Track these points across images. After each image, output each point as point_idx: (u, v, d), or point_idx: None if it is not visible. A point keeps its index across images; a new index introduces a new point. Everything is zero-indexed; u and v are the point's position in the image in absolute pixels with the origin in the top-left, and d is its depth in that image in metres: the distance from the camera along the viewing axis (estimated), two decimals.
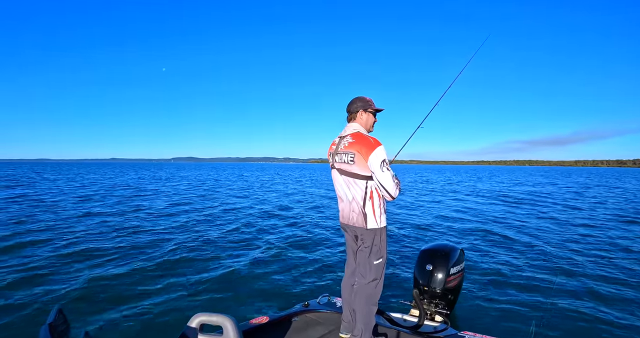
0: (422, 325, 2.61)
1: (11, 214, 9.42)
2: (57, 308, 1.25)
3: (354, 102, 2.32)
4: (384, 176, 2.06)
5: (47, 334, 1.10)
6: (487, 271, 5.05)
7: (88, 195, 14.95)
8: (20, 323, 3.30)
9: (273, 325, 2.50)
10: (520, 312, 3.71)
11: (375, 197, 2.16)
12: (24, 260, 5.24)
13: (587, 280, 4.71)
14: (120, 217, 9.24)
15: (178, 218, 9.25)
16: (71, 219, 8.79)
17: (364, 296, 2.22)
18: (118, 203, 12.17)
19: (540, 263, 5.53)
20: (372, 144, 2.10)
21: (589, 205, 13.78)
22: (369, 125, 2.34)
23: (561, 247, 6.59)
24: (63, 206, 11.23)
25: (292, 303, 3.08)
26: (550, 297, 4.11)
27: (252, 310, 3.61)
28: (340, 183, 2.27)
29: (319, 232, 7.86)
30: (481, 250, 6.32)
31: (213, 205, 12.39)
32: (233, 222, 8.95)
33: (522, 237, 7.48)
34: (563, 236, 7.67)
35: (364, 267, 2.22)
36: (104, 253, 5.65)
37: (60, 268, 4.88)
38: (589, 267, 5.33)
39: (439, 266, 3.00)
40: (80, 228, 7.69)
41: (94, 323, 3.32)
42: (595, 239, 7.35)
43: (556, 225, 9.14)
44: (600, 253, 6.18)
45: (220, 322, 1.73)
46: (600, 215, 11.02)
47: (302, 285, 4.42)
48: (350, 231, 2.32)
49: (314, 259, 5.57)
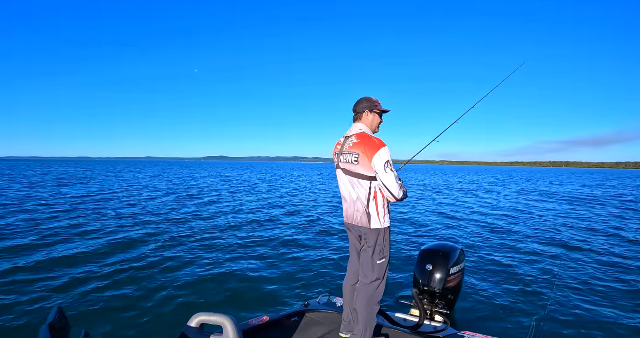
0: (422, 325, 2.61)
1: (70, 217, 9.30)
2: (57, 308, 1.25)
3: (360, 103, 2.32)
4: (388, 177, 2.06)
5: (47, 334, 1.10)
6: (488, 271, 5.07)
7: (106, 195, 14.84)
8: (20, 323, 3.28)
9: (273, 325, 2.49)
10: (520, 312, 3.73)
11: (379, 198, 2.16)
12: (25, 260, 5.19)
13: (587, 281, 4.73)
14: (121, 217, 9.18)
15: (179, 217, 9.22)
16: (82, 218, 8.71)
17: (366, 296, 2.21)
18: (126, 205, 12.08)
19: (540, 263, 5.56)
20: (376, 145, 2.10)
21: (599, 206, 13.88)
22: (375, 126, 2.34)
23: (562, 248, 6.62)
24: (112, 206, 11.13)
25: (292, 303, 3.06)
26: (551, 297, 4.13)
27: (252, 310, 3.60)
28: (345, 183, 2.27)
29: (320, 231, 7.86)
30: (481, 250, 6.35)
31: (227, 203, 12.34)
32: (233, 222, 8.92)
33: (522, 237, 7.52)
34: (563, 236, 7.72)
35: (367, 267, 2.22)
36: (105, 253, 5.61)
37: (61, 268, 4.84)
38: (589, 267, 5.37)
39: (439, 266, 3.00)
40: (89, 227, 7.62)
41: (94, 323, 3.30)
42: (595, 239, 7.40)
43: (558, 225, 9.20)
44: (601, 253, 6.21)
45: (220, 322, 1.72)
46: (602, 214, 11.11)
47: (303, 285, 4.41)
48: (354, 231, 2.31)
49: (314, 259, 5.56)
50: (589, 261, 5.69)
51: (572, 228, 8.72)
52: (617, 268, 5.30)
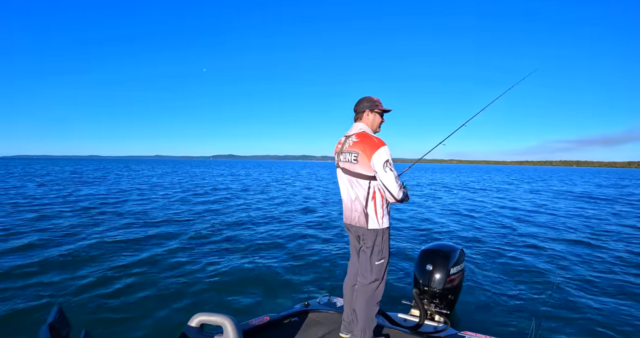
0: (422, 325, 2.60)
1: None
2: (58, 308, 1.25)
3: (361, 102, 2.32)
4: (387, 176, 2.05)
5: (47, 334, 1.10)
6: (488, 271, 5.03)
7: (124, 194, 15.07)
8: (21, 323, 3.31)
9: (273, 325, 2.50)
10: (520, 312, 3.71)
11: (378, 198, 2.15)
12: (25, 259, 5.26)
13: (588, 281, 4.69)
14: (120, 216, 9.31)
15: (180, 217, 9.31)
16: (84, 218, 8.87)
17: (365, 297, 2.21)
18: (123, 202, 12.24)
19: (540, 263, 5.50)
20: (375, 144, 2.10)
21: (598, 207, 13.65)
22: (375, 126, 2.33)
23: (562, 247, 6.55)
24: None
25: (292, 303, 3.08)
26: (551, 297, 4.09)
27: (252, 310, 3.61)
28: (344, 182, 2.27)
29: (321, 231, 7.86)
30: (481, 250, 6.30)
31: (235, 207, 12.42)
32: (234, 221, 8.97)
33: (523, 237, 7.45)
34: (564, 236, 7.62)
35: (366, 268, 2.22)
36: (105, 253, 5.66)
37: (61, 268, 4.89)
38: (590, 267, 5.30)
39: (439, 266, 2.99)
40: (96, 228, 7.72)
41: (94, 323, 3.33)
42: (597, 239, 7.30)
43: (560, 224, 9.09)
44: (602, 254, 6.13)
45: (220, 322, 1.73)
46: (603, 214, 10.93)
47: (302, 285, 4.42)
48: (353, 231, 2.31)
49: (314, 259, 5.57)
50: (589, 261, 5.62)
51: (575, 228, 8.60)
52: (618, 268, 5.23)
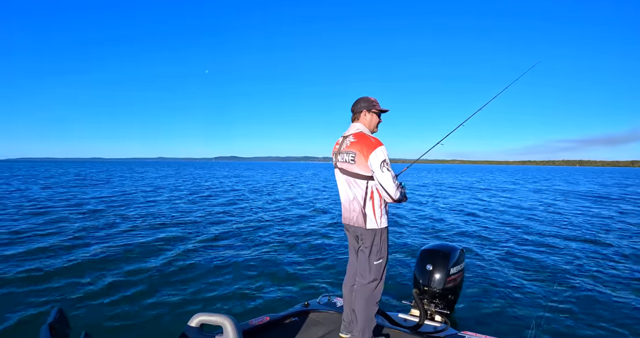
0: (422, 325, 2.60)
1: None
2: (58, 308, 1.26)
3: (358, 102, 2.32)
4: (384, 176, 2.06)
5: (47, 334, 1.10)
6: (488, 271, 5.03)
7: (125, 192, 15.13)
8: (21, 323, 3.32)
9: (273, 325, 2.50)
10: (520, 312, 3.70)
11: (375, 198, 2.16)
12: (25, 259, 5.29)
13: (588, 281, 4.67)
14: (121, 217, 9.35)
15: (182, 219, 9.32)
16: (80, 217, 8.91)
17: (364, 297, 2.22)
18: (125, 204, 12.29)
19: (541, 263, 5.49)
20: (373, 144, 2.10)
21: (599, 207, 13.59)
22: (373, 126, 2.33)
23: (563, 247, 6.53)
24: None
25: (292, 304, 3.09)
26: (551, 297, 4.09)
27: (252, 310, 3.63)
28: (342, 182, 2.28)
29: (320, 231, 7.87)
30: (482, 250, 6.29)
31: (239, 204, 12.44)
32: (234, 221, 9.00)
33: (523, 236, 7.44)
34: (565, 236, 7.60)
35: (364, 268, 2.23)
36: (104, 253, 5.69)
37: (62, 268, 4.91)
38: (590, 267, 5.29)
39: (439, 266, 2.99)
40: (101, 230, 7.77)
41: (94, 323, 3.34)
42: (598, 239, 7.27)
43: (561, 224, 9.05)
44: (603, 253, 6.11)
45: (220, 322, 1.73)
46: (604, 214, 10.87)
47: (302, 285, 4.43)
48: (351, 231, 2.32)
49: (314, 259, 5.58)
50: (590, 261, 5.60)
51: (578, 227, 8.57)
52: (619, 268, 5.21)
